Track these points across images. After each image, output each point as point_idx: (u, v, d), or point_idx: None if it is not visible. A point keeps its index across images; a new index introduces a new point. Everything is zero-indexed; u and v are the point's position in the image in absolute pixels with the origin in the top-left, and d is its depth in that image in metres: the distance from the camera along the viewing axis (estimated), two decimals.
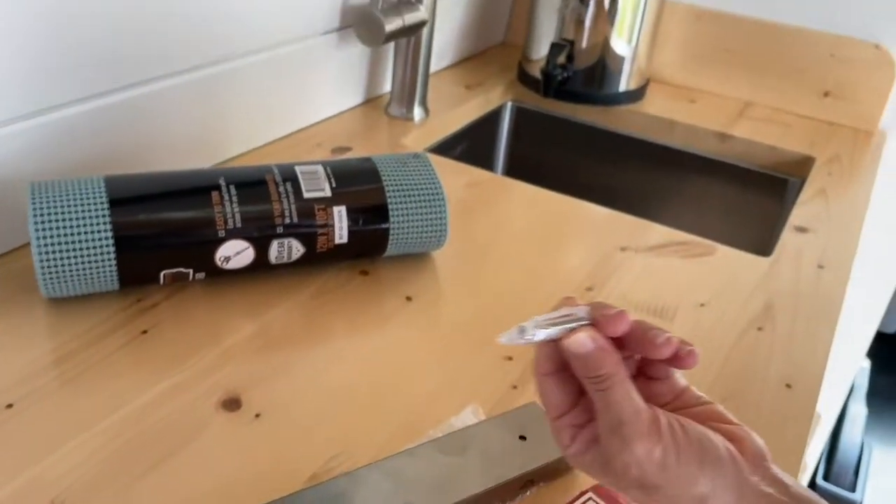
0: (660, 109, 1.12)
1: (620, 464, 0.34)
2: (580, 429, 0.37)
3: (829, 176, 0.96)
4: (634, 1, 1.06)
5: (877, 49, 1.07)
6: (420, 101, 0.98)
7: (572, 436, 0.37)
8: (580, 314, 0.36)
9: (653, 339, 0.35)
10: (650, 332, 0.35)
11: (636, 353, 0.37)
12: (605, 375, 0.34)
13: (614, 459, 0.34)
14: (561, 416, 0.37)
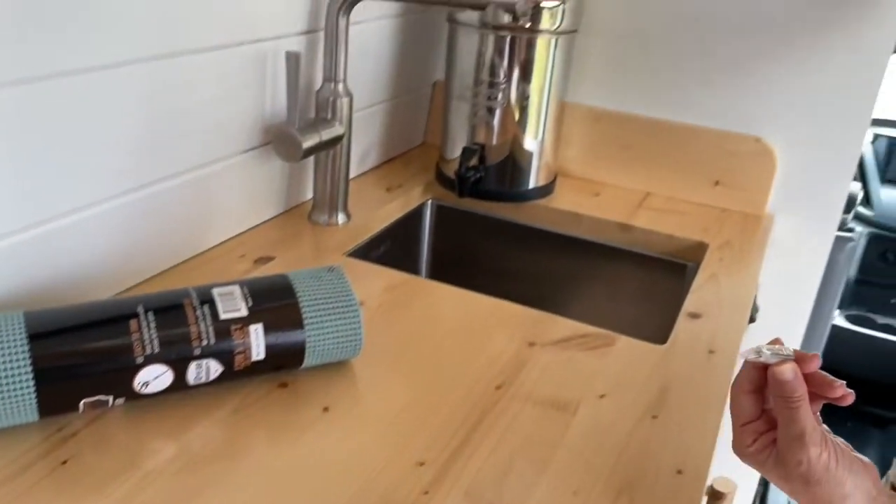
0: (567, 203, 1.20)
1: (795, 461, 0.51)
2: (761, 434, 0.54)
3: (720, 261, 1.04)
4: (537, 105, 1.15)
5: (757, 142, 1.18)
6: (341, 207, 1.04)
7: (754, 439, 0.54)
8: (787, 352, 0.53)
9: (830, 383, 0.53)
10: (828, 377, 0.53)
11: (814, 389, 0.53)
12: (797, 398, 0.51)
13: (791, 458, 0.51)
14: (747, 424, 0.55)
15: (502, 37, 1.09)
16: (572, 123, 1.28)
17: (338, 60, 0.95)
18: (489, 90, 1.13)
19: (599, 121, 1.27)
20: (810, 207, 1.19)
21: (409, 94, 1.29)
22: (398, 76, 1.23)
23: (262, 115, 0.94)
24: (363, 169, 1.23)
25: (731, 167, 1.20)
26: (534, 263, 1.23)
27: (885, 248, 2.03)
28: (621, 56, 1.23)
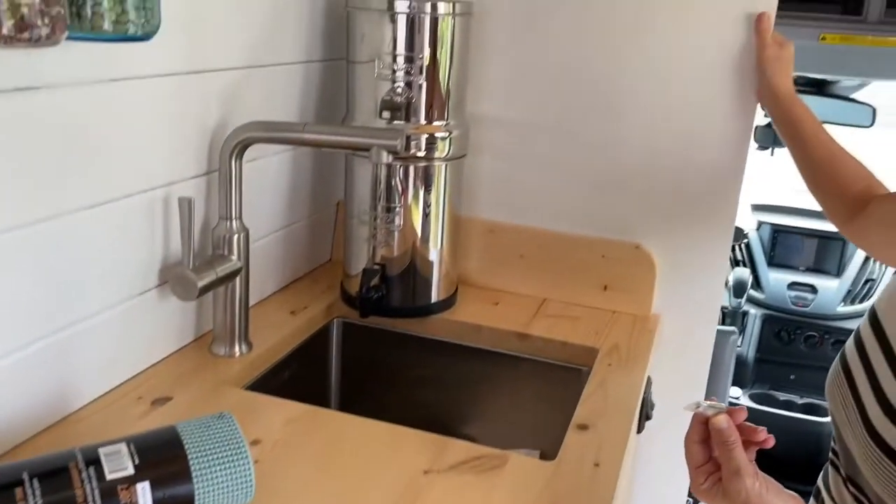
0: (469, 314, 1.26)
1: (735, 491, 0.67)
2: (710, 474, 0.70)
3: (608, 366, 1.11)
4: (434, 224, 1.21)
5: (637, 248, 1.27)
6: (241, 337, 1.06)
7: (706, 478, 0.70)
8: (721, 406, 0.70)
9: (755, 430, 0.70)
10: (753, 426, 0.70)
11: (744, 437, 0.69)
12: (732, 441, 0.68)
13: (733, 489, 0.67)
14: (700, 467, 0.71)
15: (396, 165, 1.16)
16: (470, 236, 1.35)
17: (231, 199, 0.99)
18: (386, 214, 1.19)
19: (494, 232, 1.34)
20: (691, 306, 1.28)
21: (313, 216, 1.34)
22: (300, 200, 1.28)
23: (158, 258, 0.97)
24: (268, 293, 1.25)
25: (616, 272, 1.29)
26: (440, 374, 1.27)
27: (779, 328, 2.16)
28: (511, 172, 1.32)
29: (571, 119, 1.26)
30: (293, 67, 1.16)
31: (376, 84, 1.13)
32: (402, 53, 1.11)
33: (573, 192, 1.29)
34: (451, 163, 1.20)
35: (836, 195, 1.04)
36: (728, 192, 1.22)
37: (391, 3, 1.10)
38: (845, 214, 1.03)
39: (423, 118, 1.15)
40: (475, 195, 1.34)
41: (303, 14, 1.16)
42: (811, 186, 1.09)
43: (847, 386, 0.77)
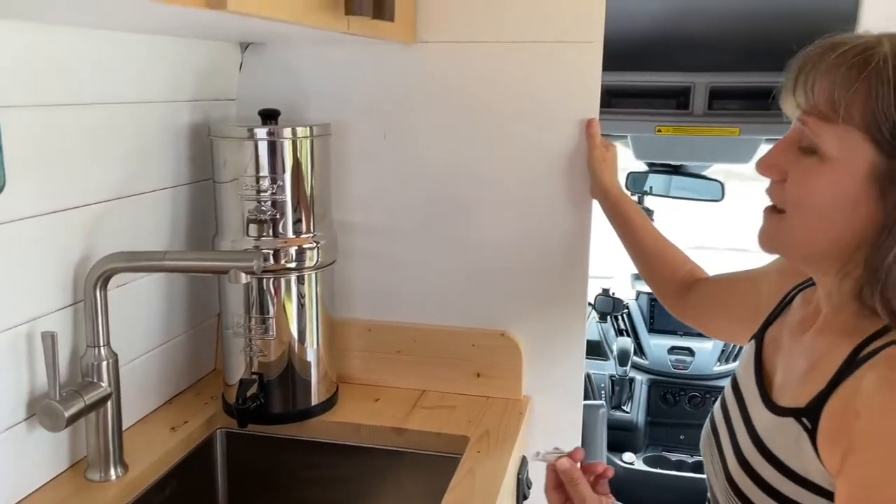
0: (349, 414, 1.31)
1: None
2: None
3: (477, 454, 1.17)
4: (309, 330, 1.27)
5: (503, 336, 1.36)
6: (116, 461, 1.08)
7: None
8: (562, 450, 0.90)
9: (594, 466, 0.91)
10: (592, 463, 0.91)
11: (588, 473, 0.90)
12: (576, 478, 0.87)
13: None
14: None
15: (265, 278, 1.22)
16: (349, 337, 1.41)
17: (98, 328, 1.03)
18: (260, 325, 1.24)
19: (372, 331, 1.41)
20: (557, 384, 1.37)
21: (193, 329, 1.38)
22: (176, 316, 1.32)
23: (25, 391, 0.99)
24: (149, 410, 1.27)
25: (487, 360, 1.37)
26: (326, 475, 1.30)
27: (664, 391, 2.28)
28: (382, 274, 1.40)
29: (432, 221, 1.36)
30: (160, 193, 1.22)
31: (242, 203, 1.20)
32: (265, 175, 1.19)
33: (441, 288, 1.38)
34: (320, 270, 1.27)
35: (666, 280, 1.17)
36: (576, 278, 1.33)
37: (251, 131, 1.19)
38: (674, 296, 1.16)
39: (290, 232, 1.22)
40: (351, 297, 1.41)
41: (167, 143, 1.23)
42: (643, 272, 1.22)
43: (714, 443, 0.87)
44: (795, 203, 0.72)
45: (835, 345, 0.73)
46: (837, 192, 0.68)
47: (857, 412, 0.66)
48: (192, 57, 1.26)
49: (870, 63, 0.65)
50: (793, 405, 0.75)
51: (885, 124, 0.64)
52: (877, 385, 0.65)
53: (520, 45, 1.25)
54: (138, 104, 1.15)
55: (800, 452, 0.71)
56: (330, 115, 1.34)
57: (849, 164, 0.67)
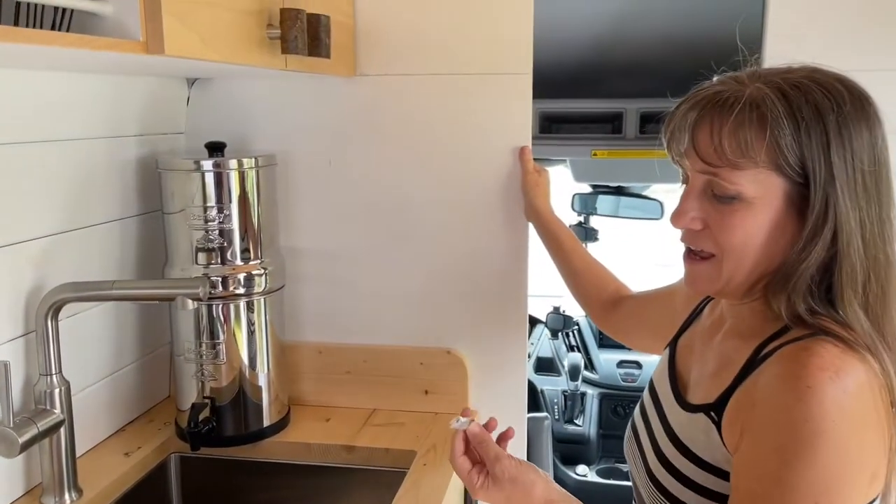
0: (300, 434, 1.35)
1: (500, 471, 0.88)
2: (480, 472, 0.91)
3: (424, 466, 1.22)
4: (260, 355, 1.31)
5: (449, 353, 1.42)
6: (70, 486, 1.10)
7: (478, 476, 0.91)
8: (473, 418, 0.95)
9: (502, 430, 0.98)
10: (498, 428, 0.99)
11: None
12: (487, 439, 0.93)
13: (497, 471, 0.89)
14: (470, 471, 0.92)
15: (215, 304, 1.26)
16: (300, 359, 1.46)
17: (49, 357, 1.06)
18: (211, 350, 1.28)
19: (322, 353, 1.46)
20: (501, 398, 1.43)
21: (145, 357, 1.41)
22: (127, 345, 1.35)
23: None
24: (102, 437, 1.30)
25: (434, 377, 1.42)
26: (280, 494, 1.34)
27: (615, 404, 2.36)
28: (331, 297, 1.45)
29: (377, 245, 1.42)
30: (110, 225, 1.26)
31: (190, 232, 1.25)
32: (212, 205, 1.24)
33: (388, 309, 1.44)
34: (269, 296, 1.32)
35: (593, 298, 1.25)
36: (517, 295, 1.39)
37: (198, 163, 1.24)
38: (601, 313, 1.24)
39: (238, 259, 1.27)
40: (301, 321, 1.46)
41: (115, 177, 1.27)
42: (572, 290, 1.29)
43: (635, 444, 0.94)
44: (730, 247, 0.77)
45: (740, 346, 0.81)
46: (766, 226, 0.75)
47: (754, 402, 0.73)
48: (139, 93, 1.31)
49: (763, 111, 0.73)
50: (703, 402, 0.82)
51: (790, 156, 0.72)
52: (769, 379, 0.73)
53: (453, 76, 1.33)
54: (86, 140, 1.20)
55: (709, 443, 0.79)
56: (276, 146, 1.40)
57: (768, 199, 0.74)
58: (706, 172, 0.76)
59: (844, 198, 0.72)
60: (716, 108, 0.75)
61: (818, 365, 0.69)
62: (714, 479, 0.78)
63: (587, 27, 1.72)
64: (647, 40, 1.68)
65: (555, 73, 1.87)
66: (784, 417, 0.69)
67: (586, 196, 2.39)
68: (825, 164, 0.72)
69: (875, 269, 0.75)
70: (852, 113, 0.73)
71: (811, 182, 0.73)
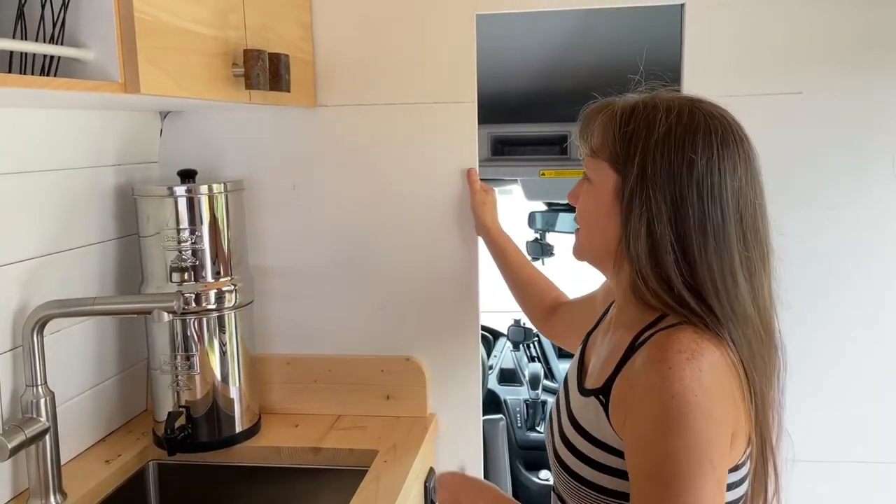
0: (270, 439, 1.45)
1: None
2: None
3: (384, 463, 1.33)
4: (231, 365, 1.41)
5: (408, 360, 1.53)
6: (55, 489, 1.19)
7: None
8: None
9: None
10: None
11: None
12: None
13: None
14: None
15: (188, 319, 1.37)
16: (270, 370, 1.56)
17: (35, 369, 1.16)
18: (185, 362, 1.38)
19: (291, 364, 1.56)
20: (457, 402, 1.54)
21: (124, 371, 1.50)
22: (108, 360, 1.45)
23: None
24: (85, 447, 1.39)
25: (395, 383, 1.53)
26: (252, 495, 1.43)
27: None
28: (297, 312, 1.56)
29: (339, 263, 1.53)
30: (90, 248, 1.37)
31: (165, 253, 1.35)
32: (185, 227, 1.35)
33: (351, 321, 1.55)
34: (239, 310, 1.42)
35: (534, 304, 1.37)
36: (469, 304, 1.51)
37: (171, 189, 1.34)
38: (542, 319, 1.37)
39: (209, 277, 1.38)
40: (270, 335, 1.57)
41: (94, 203, 1.37)
42: (517, 299, 1.42)
43: (549, 427, 1.04)
44: (580, 216, 0.96)
45: (624, 336, 0.91)
46: (597, 205, 0.91)
47: (632, 385, 0.84)
48: (116, 126, 1.42)
49: (612, 115, 0.90)
50: (594, 387, 0.92)
51: (614, 152, 0.88)
52: (640, 364, 0.83)
53: (405, 105, 1.46)
54: (69, 170, 1.30)
55: (599, 423, 0.89)
56: (244, 173, 1.51)
57: (602, 185, 0.90)
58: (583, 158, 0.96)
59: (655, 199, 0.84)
60: (597, 112, 0.93)
61: (677, 348, 0.80)
62: (604, 454, 0.88)
63: (533, 58, 1.86)
64: (586, 68, 1.82)
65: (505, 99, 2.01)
66: (654, 396, 0.79)
67: (545, 214, 2.52)
68: (638, 168, 0.85)
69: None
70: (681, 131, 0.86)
71: (623, 181, 0.87)
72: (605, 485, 0.88)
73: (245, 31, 1.16)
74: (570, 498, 0.94)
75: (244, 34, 1.15)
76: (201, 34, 1.04)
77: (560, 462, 0.95)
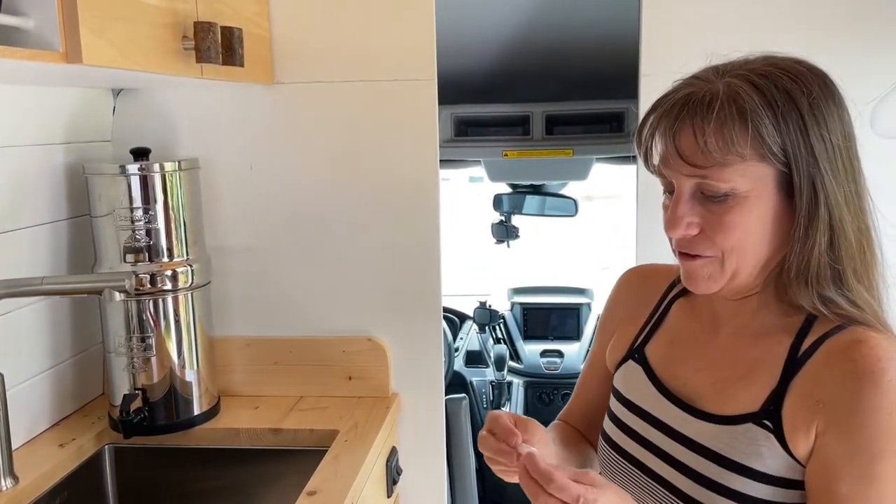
0: (230, 421, 1.43)
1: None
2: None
3: (345, 443, 1.32)
4: (188, 347, 1.39)
5: (370, 340, 1.52)
6: (6, 472, 1.17)
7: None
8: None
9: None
10: None
11: None
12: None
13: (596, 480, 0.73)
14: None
15: (143, 300, 1.34)
16: (230, 352, 1.54)
17: None
18: (141, 343, 1.36)
19: (250, 346, 1.55)
20: (420, 381, 1.54)
21: (78, 355, 1.47)
22: (61, 343, 1.41)
23: None
24: (38, 431, 1.36)
25: (357, 363, 1.52)
26: (213, 476, 1.41)
27: (539, 392, 2.49)
28: (256, 293, 1.54)
29: (299, 242, 1.51)
30: (39, 228, 1.33)
31: (118, 233, 1.32)
32: (138, 206, 1.32)
33: (311, 302, 1.53)
34: (195, 291, 1.40)
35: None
36: (430, 283, 1.50)
37: (123, 167, 1.31)
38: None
39: (164, 257, 1.35)
40: (229, 316, 1.54)
41: (43, 183, 1.34)
42: None
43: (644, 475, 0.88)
44: (730, 246, 0.77)
45: (767, 346, 0.80)
46: (763, 218, 0.76)
47: (820, 402, 0.74)
48: (67, 103, 1.38)
49: (742, 105, 0.73)
50: (745, 411, 0.79)
51: (773, 144, 0.73)
52: (840, 379, 0.73)
53: (364, 83, 1.44)
54: (16, 147, 1.26)
55: (766, 452, 0.76)
56: (200, 151, 1.48)
57: (760, 191, 0.75)
58: (694, 175, 0.76)
59: (829, 177, 0.74)
60: (693, 110, 0.75)
61: (886, 356, 0.72)
62: (772, 490, 0.76)
63: (494, 36, 1.85)
64: (549, 49, 1.82)
65: (468, 80, 2.00)
66: (872, 413, 0.70)
67: (510, 196, 2.52)
68: (805, 146, 0.73)
69: (862, 242, 0.77)
70: (819, 93, 0.75)
71: (795, 166, 0.74)
72: None
73: (196, 2, 1.13)
74: None
75: (195, 6, 1.12)
76: (148, 4, 1.01)
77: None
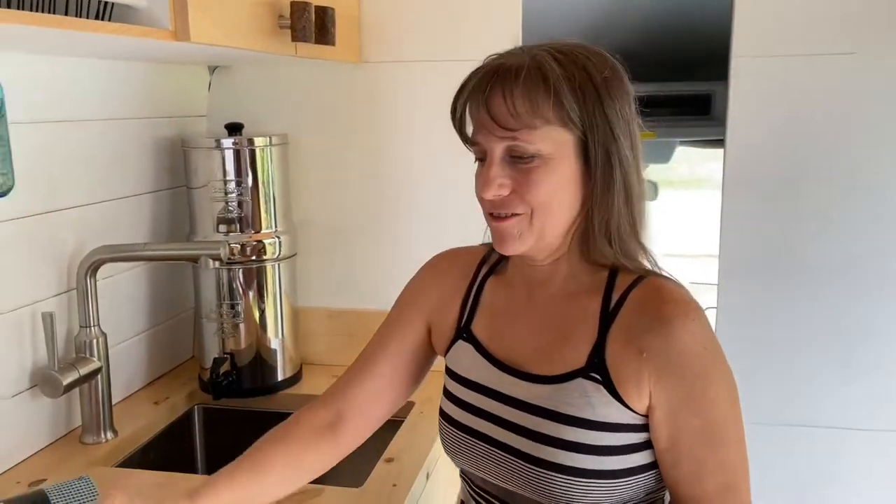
0: (311, 388, 1.49)
1: None
2: None
3: (420, 414, 1.36)
4: (273, 316, 1.45)
5: None
6: (107, 426, 1.25)
7: None
8: None
9: None
10: None
11: None
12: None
13: None
14: None
15: (234, 269, 1.41)
16: (313, 323, 1.60)
17: (89, 310, 1.21)
18: (230, 310, 1.43)
19: (333, 318, 1.60)
20: None
21: (172, 319, 1.55)
22: (157, 307, 1.50)
23: (29, 364, 1.16)
24: (134, 389, 1.45)
25: None
26: None
27: None
28: (336, 267, 1.59)
29: (380, 219, 1.55)
30: (142, 197, 1.41)
31: (212, 205, 1.39)
32: (231, 179, 1.39)
33: (391, 276, 1.57)
34: (282, 262, 1.46)
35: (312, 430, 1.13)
36: None
37: (218, 142, 1.38)
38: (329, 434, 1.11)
39: (254, 228, 1.41)
40: (312, 288, 1.60)
41: (146, 154, 1.41)
42: None
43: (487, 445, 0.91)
44: (538, 203, 0.81)
45: (582, 304, 0.85)
46: (567, 178, 0.81)
47: (642, 350, 0.79)
48: (167, 79, 1.45)
49: (546, 74, 0.78)
50: (572, 368, 0.83)
51: (572, 112, 0.78)
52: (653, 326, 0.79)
53: (448, 62, 1.46)
54: (121, 120, 1.34)
55: (595, 403, 0.81)
56: (288, 128, 1.53)
57: (563, 153, 0.80)
58: (505, 138, 0.80)
59: (623, 144, 0.80)
60: (504, 78, 0.80)
61: (683, 299, 0.81)
62: (605, 435, 0.81)
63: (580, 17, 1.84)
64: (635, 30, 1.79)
65: None
66: (689, 352, 0.79)
67: None
68: (601, 116, 0.79)
69: (644, 203, 0.85)
70: (611, 73, 0.81)
71: (591, 134, 0.79)
72: (610, 467, 0.82)
73: None
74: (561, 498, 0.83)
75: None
76: None
77: (544, 465, 0.83)
